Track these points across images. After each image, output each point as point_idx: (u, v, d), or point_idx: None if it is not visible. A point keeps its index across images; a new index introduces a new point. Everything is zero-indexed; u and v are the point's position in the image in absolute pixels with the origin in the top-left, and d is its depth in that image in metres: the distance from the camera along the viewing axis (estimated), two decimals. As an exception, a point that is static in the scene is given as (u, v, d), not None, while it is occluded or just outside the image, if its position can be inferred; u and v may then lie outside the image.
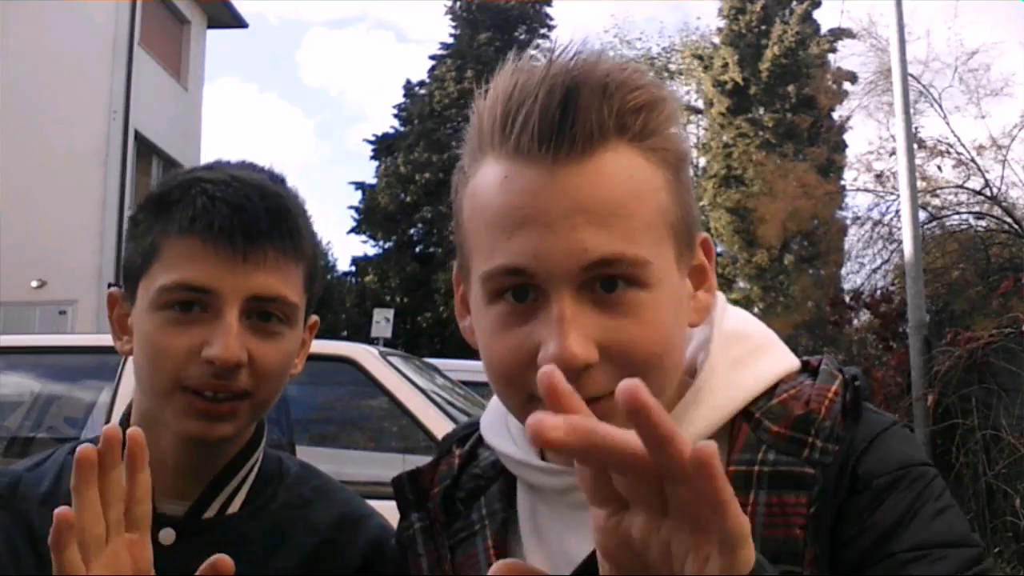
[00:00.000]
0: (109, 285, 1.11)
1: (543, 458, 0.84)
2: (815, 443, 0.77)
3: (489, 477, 0.89)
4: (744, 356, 0.84)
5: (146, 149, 16.85)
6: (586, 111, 0.73)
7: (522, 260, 0.74)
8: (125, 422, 1.05)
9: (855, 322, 11.77)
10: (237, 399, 0.99)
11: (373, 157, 25.38)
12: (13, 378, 4.36)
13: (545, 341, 0.73)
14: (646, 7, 55.95)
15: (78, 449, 0.75)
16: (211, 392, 0.97)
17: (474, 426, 0.96)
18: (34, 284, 14.66)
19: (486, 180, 0.78)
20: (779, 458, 0.78)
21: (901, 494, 0.76)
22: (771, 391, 0.82)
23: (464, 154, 0.82)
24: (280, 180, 1.07)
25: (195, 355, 0.96)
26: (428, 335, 22.85)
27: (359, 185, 25.32)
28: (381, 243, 25.11)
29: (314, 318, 1.14)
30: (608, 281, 0.74)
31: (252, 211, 0.98)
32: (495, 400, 0.89)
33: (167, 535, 0.99)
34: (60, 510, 0.73)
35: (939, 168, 11.92)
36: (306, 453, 3.78)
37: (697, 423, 0.80)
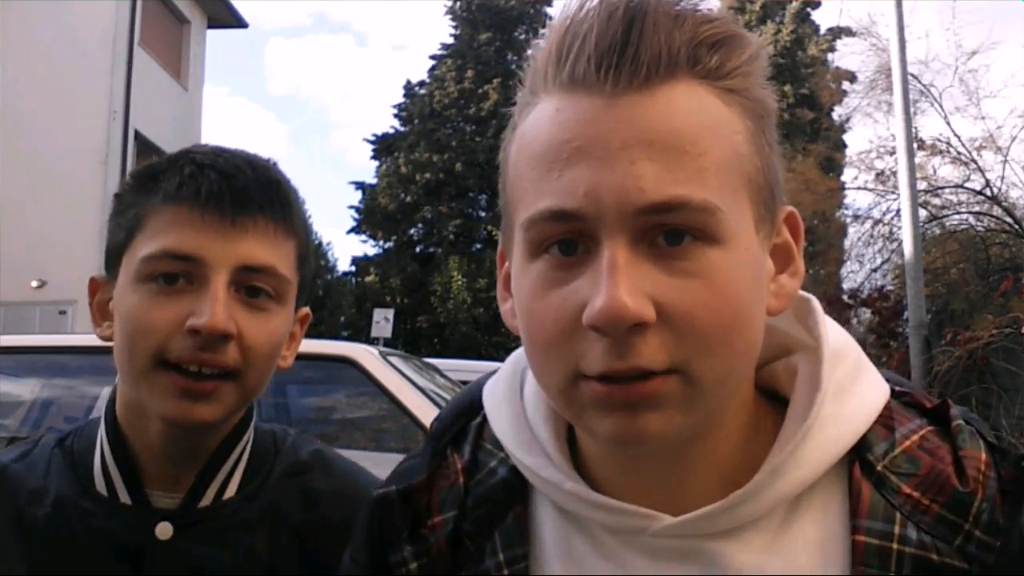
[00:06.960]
0: (92, 280, 1.02)
1: (584, 478, 0.71)
2: (972, 532, 0.63)
3: (501, 502, 0.74)
4: (845, 381, 0.69)
5: (146, 149, 16.83)
6: (654, 35, 0.62)
7: (571, 201, 0.61)
8: (111, 410, 1.00)
9: (854, 322, 11.77)
10: (222, 378, 0.92)
11: (373, 157, 25.40)
12: (13, 378, 4.36)
13: (592, 297, 0.60)
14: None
15: None
16: (195, 367, 0.90)
17: (463, 414, 0.80)
18: (34, 284, 14.64)
19: (535, 118, 0.66)
20: (922, 538, 0.63)
21: None
22: (884, 428, 0.68)
23: (515, 112, 0.70)
24: (271, 160, 1.03)
25: (179, 328, 0.90)
26: (428, 335, 22.84)
27: (359, 185, 25.33)
28: (381, 243, 25.11)
29: (305, 310, 1.07)
30: (674, 233, 0.61)
31: (242, 178, 0.93)
32: (506, 397, 0.76)
33: (164, 529, 0.94)
34: None
35: (943, 157, 11.91)
36: (306, 453, 3.78)
37: (805, 467, 0.65)
